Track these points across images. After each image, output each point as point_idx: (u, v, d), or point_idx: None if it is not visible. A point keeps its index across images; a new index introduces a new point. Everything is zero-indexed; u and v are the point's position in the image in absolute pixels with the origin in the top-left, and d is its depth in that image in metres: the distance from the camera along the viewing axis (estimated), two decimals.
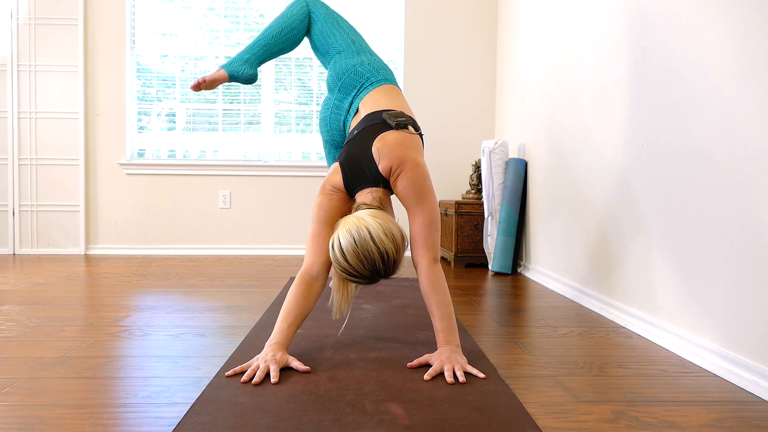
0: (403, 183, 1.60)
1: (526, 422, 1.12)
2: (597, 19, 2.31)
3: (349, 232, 1.46)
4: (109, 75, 3.84)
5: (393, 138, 1.64)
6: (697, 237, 1.60)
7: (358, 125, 1.78)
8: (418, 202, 1.59)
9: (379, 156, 1.61)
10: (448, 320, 1.50)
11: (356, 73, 1.94)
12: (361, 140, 1.67)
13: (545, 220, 2.89)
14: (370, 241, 1.43)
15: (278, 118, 3.98)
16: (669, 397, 1.30)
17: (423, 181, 1.61)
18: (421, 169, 1.62)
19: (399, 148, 1.62)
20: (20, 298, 2.36)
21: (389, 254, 1.45)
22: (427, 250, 1.56)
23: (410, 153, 1.63)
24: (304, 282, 1.55)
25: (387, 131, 1.66)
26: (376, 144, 1.63)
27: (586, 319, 2.08)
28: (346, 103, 1.96)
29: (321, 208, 1.63)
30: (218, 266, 3.33)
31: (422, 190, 1.60)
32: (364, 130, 1.71)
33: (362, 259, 1.43)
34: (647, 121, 1.89)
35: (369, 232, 1.45)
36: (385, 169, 1.61)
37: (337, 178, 1.64)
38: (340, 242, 1.46)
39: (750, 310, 1.39)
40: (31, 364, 1.47)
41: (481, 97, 3.98)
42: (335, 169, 1.67)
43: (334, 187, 1.64)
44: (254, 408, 1.17)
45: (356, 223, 1.47)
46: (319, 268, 1.57)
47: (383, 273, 1.47)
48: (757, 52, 1.38)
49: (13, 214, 3.81)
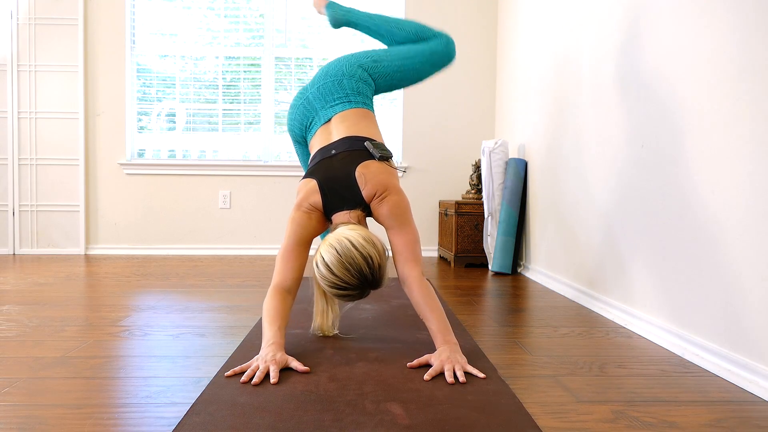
0: (387, 207, 1.65)
1: (526, 422, 1.12)
2: (597, 19, 2.31)
3: (331, 245, 1.51)
4: (109, 75, 3.84)
5: (376, 167, 1.69)
6: (697, 236, 1.60)
7: (335, 145, 1.77)
8: (402, 223, 1.65)
9: (364, 182, 1.65)
10: (443, 322, 1.52)
11: (341, 85, 1.92)
12: (342, 163, 1.70)
13: (545, 220, 2.89)
14: (353, 248, 1.48)
15: (278, 118, 3.97)
16: (669, 397, 1.30)
17: (407, 207, 1.67)
18: (404, 196, 1.69)
19: (383, 175, 1.68)
20: (20, 298, 2.36)
21: (373, 259, 1.50)
22: (415, 264, 1.62)
23: (393, 181, 1.70)
24: (278, 293, 1.58)
25: (370, 160, 1.70)
26: (360, 170, 1.67)
27: (586, 319, 2.08)
28: (320, 108, 1.92)
29: (299, 226, 1.65)
30: (218, 266, 3.33)
31: (405, 213, 1.66)
32: (345, 153, 1.73)
33: (348, 268, 1.47)
34: (647, 120, 1.89)
35: (350, 241, 1.50)
36: (369, 194, 1.66)
37: (316, 199, 1.67)
38: (323, 258, 1.51)
39: (750, 310, 1.39)
40: (31, 364, 1.47)
41: (481, 97, 3.98)
42: (313, 189, 1.68)
43: (312, 206, 1.68)
44: (254, 408, 1.17)
45: (336, 237, 1.53)
46: (290, 284, 1.61)
47: (371, 279, 1.50)
48: (757, 52, 1.38)
49: (13, 214, 3.81)
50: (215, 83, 3.94)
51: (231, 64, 3.94)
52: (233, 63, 3.94)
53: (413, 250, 1.63)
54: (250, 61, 3.95)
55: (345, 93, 1.90)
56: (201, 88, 3.94)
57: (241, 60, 3.94)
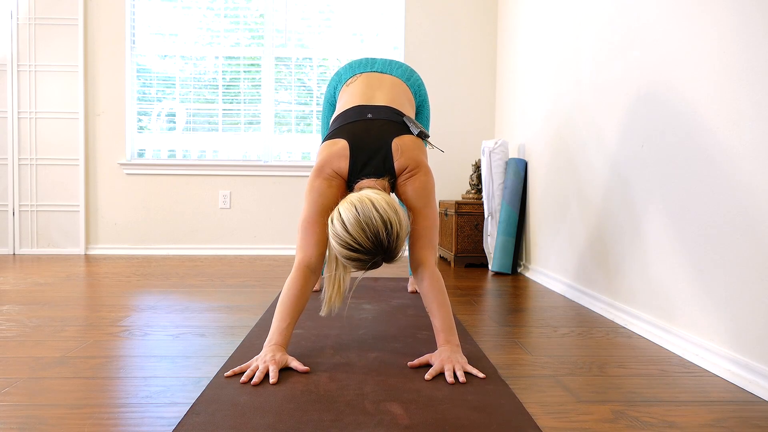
0: (415, 184, 1.60)
1: (526, 422, 1.12)
2: (597, 18, 2.31)
3: (351, 203, 1.41)
4: (109, 75, 3.84)
5: (411, 141, 1.64)
6: (697, 236, 1.60)
7: (372, 109, 1.70)
8: (426, 204, 1.60)
9: (399, 153, 1.59)
10: (448, 321, 1.51)
11: (390, 63, 1.97)
12: (379, 130, 1.62)
13: (545, 220, 2.89)
14: (373, 209, 1.38)
15: (278, 118, 3.98)
16: (669, 397, 1.30)
17: (432, 188, 1.63)
18: (432, 178, 1.64)
19: (417, 151, 1.63)
20: (20, 298, 2.36)
21: (393, 224, 1.39)
22: (431, 250, 1.58)
23: (425, 159, 1.66)
24: (302, 276, 1.51)
25: (406, 134, 1.65)
26: (397, 141, 1.61)
27: (586, 319, 2.08)
28: (362, 68, 1.94)
29: (319, 194, 1.55)
30: (218, 266, 3.33)
31: (431, 195, 1.62)
32: (384, 121, 1.65)
33: (364, 227, 1.37)
34: (647, 120, 1.89)
35: (372, 202, 1.40)
36: (400, 167, 1.60)
37: (341, 164, 1.57)
38: (341, 214, 1.41)
39: (750, 309, 1.39)
40: (31, 364, 1.47)
41: (481, 97, 3.98)
42: (341, 151, 1.58)
43: (335, 171, 1.58)
44: (254, 408, 1.17)
45: (358, 196, 1.43)
46: (315, 260, 1.52)
47: (386, 246, 1.39)
48: (757, 52, 1.38)
49: (13, 214, 3.81)
50: (215, 83, 3.94)
51: (231, 64, 3.94)
52: (233, 63, 3.94)
53: (432, 237, 1.57)
54: (250, 61, 3.95)
55: (392, 66, 1.92)
56: (201, 88, 3.94)
57: (241, 60, 3.94)
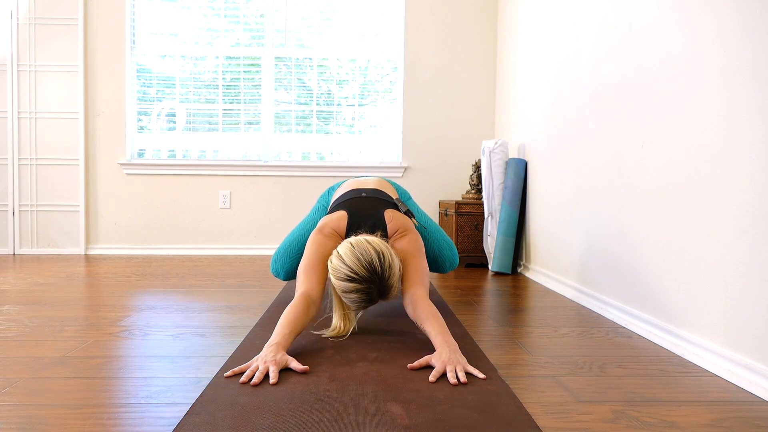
0: (405, 241, 1.80)
1: (526, 422, 1.12)
2: (597, 18, 2.31)
3: (348, 242, 1.64)
4: (109, 75, 3.84)
5: (401, 214, 1.90)
6: (697, 236, 1.60)
7: (366, 191, 1.99)
8: (416, 255, 1.77)
9: (390, 219, 1.85)
10: (443, 327, 1.55)
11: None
12: (372, 203, 1.91)
13: (545, 220, 2.89)
14: (367, 244, 1.61)
15: (278, 118, 3.98)
16: (669, 397, 1.30)
17: (422, 247, 1.82)
18: (421, 240, 1.85)
19: (406, 220, 1.88)
20: (20, 298, 2.36)
21: (384, 255, 1.60)
22: (424, 289, 1.71)
23: (413, 228, 1.89)
24: (304, 302, 1.62)
25: (396, 209, 1.93)
26: (388, 212, 1.88)
27: (586, 319, 2.08)
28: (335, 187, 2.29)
29: (320, 245, 1.77)
30: (218, 266, 3.33)
31: (421, 250, 1.80)
32: (376, 199, 1.93)
33: (359, 257, 1.58)
34: (647, 120, 1.89)
35: (366, 240, 1.64)
36: (393, 228, 1.84)
37: (341, 224, 1.83)
38: (339, 252, 1.63)
39: (750, 309, 1.39)
40: (31, 364, 1.47)
41: (481, 97, 3.98)
42: (340, 216, 1.85)
43: (334, 230, 1.82)
44: (254, 408, 1.17)
45: (355, 238, 1.67)
46: (316, 293, 1.67)
47: (380, 272, 1.58)
48: (756, 52, 1.38)
49: (13, 214, 3.81)
50: (215, 83, 3.94)
51: (231, 64, 3.94)
52: (233, 63, 3.94)
53: (423, 277, 1.73)
54: (250, 61, 3.95)
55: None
56: (201, 88, 3.94)
57: (241, 60, 3.94)
